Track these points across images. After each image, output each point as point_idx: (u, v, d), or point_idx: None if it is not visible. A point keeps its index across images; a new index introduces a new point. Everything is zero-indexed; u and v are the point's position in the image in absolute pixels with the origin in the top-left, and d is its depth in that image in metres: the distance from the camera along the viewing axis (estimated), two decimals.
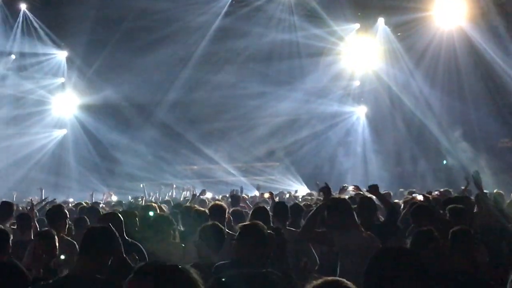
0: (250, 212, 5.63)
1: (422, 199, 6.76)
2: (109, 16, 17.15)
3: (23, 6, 17.84)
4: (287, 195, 13.18)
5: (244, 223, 4.17)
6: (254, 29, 18.13)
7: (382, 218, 6.45)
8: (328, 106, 19.56)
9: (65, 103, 19.82)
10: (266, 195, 8.84)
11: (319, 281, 2.19)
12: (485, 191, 8.86)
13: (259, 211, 5.58)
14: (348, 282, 2.20)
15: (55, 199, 11.03)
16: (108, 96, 19.08)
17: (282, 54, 18.87)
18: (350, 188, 8.71)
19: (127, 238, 4.73)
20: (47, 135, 19.51)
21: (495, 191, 8.77)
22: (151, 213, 5.90)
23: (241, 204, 8.81)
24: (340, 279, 2.26)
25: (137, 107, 19.67)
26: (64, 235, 5.35)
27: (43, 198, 11.10)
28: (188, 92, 19.77)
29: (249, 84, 18.92)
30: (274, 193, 10.76)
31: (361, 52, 18.96)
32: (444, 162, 18.02)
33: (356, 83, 19.88)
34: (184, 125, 19.80)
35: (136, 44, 17.83)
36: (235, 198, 9.20)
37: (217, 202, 6.52)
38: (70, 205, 11.06)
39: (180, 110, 19.79)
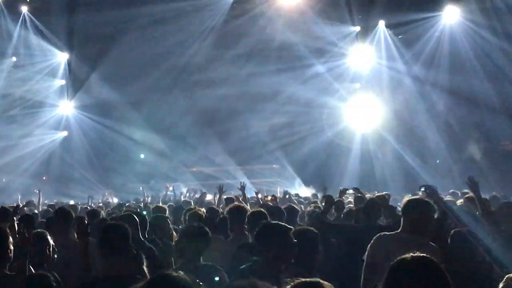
0: (246, 216, 5.50)
1: None
2: (110, 19, 17.18)
3: (24, 8, 17.88)
4: (287, 197, 13.10)
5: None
6: (255, 30, 18.17)
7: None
8: (329, 107, 19.53)
9: (65, 105, 19.82)
10: (269, 198, 8.59)
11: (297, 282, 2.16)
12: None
13: (256, 214, 5.28)
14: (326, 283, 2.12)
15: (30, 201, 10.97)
16: (109, 98, 19.10)
17: (282, 55, 18.92)
18: (350, 191, 8.66)
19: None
20: (48, 137, 19.51)
21: (493, 193, 8.75)
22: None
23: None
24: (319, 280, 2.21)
25: (137, 109, 19.67)
26: None
27: (40, 200, 11.11)
28: (189, 94, 19.83)
29: (249, 85, 18.96)
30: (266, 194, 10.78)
31: (361, 55, 18.99)
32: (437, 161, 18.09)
33: (357, 85, 19.89)
34: (185, 127, 19.81)
35: (138, 46, 17.88)
36: (230, 200, 9.05)
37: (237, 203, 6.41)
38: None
39: (181, 112, 19.78)
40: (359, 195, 8.34)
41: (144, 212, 6.05)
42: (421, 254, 2.29)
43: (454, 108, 17.91)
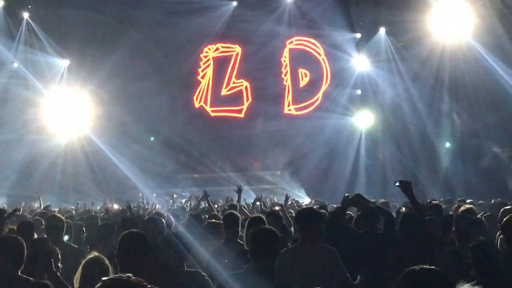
0: (247, 222, 5.54)
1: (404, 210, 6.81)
2: (111, 26, 17.26)
3: (25, 15, 17.94)
4: (289, 203, 13.08)
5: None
6: (256, 37, 18.29)
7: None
8: (330, 115, 19.54)
9: (66, 112, 19.77)
10: (277, 208, 8.47)
11: None
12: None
13: (256, 220, 5.32)
14: None
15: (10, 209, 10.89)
16: (109, 104, 19.10)
17: (280, 63, 19.11)
18: None
19: None
20: (48, 143, 19.45)
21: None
22: None
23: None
24: None
25: (138, 115, 19.65)
26: None
27: (41, 206, 11.09)
28: (190, 102, 19.90)
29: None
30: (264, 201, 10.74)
31: (362, 62, 19.08)
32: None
33: (358, 92, 19.96)
34: (186, 134, 19.81)
35: (140, 55, 18.00)
36: (233, 207, 9.02)
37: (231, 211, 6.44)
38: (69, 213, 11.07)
39: (182, 119, 19.81)
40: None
41: None
42: (429, 267, 2.31)
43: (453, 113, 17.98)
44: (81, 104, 19.63)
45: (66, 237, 5.79)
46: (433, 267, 2.32)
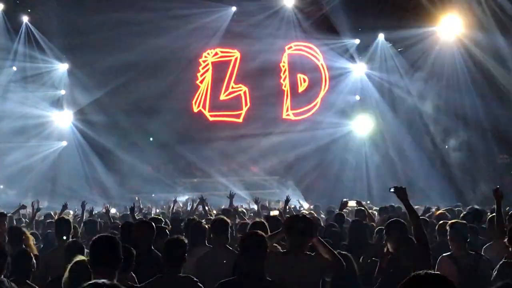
0: (248, 227, 5.55)
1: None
2: (111, 30, 17.28)
3: (25, 18, 17.96)
4: (287, 209, 13.04)
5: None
6: (255, 42, 18.32)
7: None
8: (330, 120, 19.56)
9: (65, 115, 19.78)
10: (276, 212, 8.36)
11: None
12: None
13: (257, 226, 5.23)
14: None
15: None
16: (109, 109, 19.11)
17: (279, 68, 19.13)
18: (353, 203, 8.64)
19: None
20: (47, 147, 19.43)
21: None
22: None
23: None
24: None
25: (137, 120, 19.66)
26: None
27: (34, 212, 10.99)
28: (188, 106, 19.90)
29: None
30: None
31: (361, 67, 19.13)
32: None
33: (357, 97, 19.99)
34: (184, 139, 19.81)
35: (139, 59, 18.00)
36: (226, 212, 8.96)
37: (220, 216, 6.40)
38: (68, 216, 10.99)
39: (180, 124, 19.81)
40: (360, 208, 8.33)
41: None
42: (435, 272, 2.29)
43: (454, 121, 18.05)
44: (81, 109, 19.69)
45: (64, 238, 5.85)
46: (438, 272, 2.28)
